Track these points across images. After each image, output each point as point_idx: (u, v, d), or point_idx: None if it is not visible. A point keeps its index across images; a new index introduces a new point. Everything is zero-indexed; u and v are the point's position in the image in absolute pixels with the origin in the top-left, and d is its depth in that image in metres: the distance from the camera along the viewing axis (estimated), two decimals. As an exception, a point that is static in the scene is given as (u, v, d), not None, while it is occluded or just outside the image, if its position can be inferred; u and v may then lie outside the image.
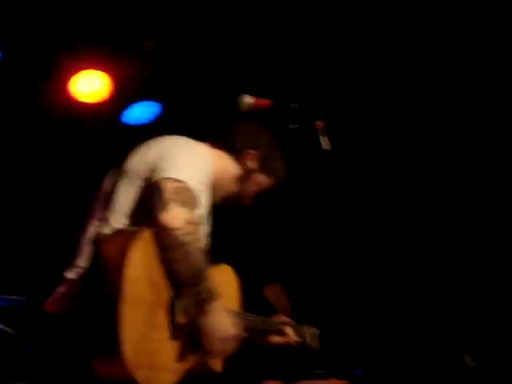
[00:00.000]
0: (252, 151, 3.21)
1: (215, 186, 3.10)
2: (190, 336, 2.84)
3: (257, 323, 3.31)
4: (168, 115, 5.43)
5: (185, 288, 2.75)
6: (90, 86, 5.19)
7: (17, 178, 5.49)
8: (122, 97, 5.32)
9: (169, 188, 2.72)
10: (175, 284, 2.76)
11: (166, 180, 2.75)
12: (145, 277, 2.68)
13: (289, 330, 3.50)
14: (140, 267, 2.66)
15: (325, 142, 3.09)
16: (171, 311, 2.78)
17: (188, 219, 2.69)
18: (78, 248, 2.92)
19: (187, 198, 2.73)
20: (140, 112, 5.48)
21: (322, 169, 3.07)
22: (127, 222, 2.84)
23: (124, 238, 2.71)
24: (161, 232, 2.67)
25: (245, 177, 3.20)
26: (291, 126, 3.17)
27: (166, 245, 2.68)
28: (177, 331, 2.79)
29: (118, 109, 5.44)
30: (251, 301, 3.24)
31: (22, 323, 4.70)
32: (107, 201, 2.93)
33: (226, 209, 3.21)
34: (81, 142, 5.40)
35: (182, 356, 2.83)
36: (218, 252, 3.10)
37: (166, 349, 2.76)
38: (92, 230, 2.91)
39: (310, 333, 3.70)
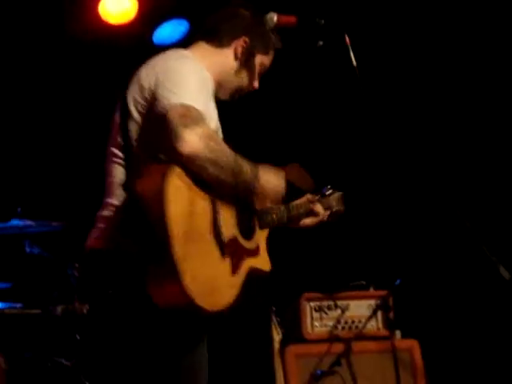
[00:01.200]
0: (239, 39, 3.12)
1: (218, 88, 3.08)
2: (239, 248, 2.92)
3: (292, 211, 3.33)
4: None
5: (233, 189, 2.85)
6: (118, 6, 5.16)
7: (51, 102, 5.51)
8: (151, 16, 5.29)
9: (175, 116, 2.70)
10: (217, 198, 2.82)
11: (169, 109, 2.73)
12: (186, 209, 2.70)
13: (318, 208, 3.46)
14: (179, 201, 2.67)
15: (353, 58, 3.06)
16: (217, 232, 2.81)
17: (204, 136, 2.70)
18: (107, 188, 2.94)
19: (194, 117, 2.72)
20: (170, 31, 5.44)
21: (352, 85, 3.03)
22: (144, 157, 2.83)
23: (156, 177, 2.69)
24: (187, 162, 2.69)
25: (243, 66, 3.13)
26: (319, 43, 3.14)
27: (200, 168, 2.71)
28: (225, 249, 2.84)
29: (148, 29, 5.40)
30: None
31: (61, 248, 4.82)
32: (121, 137, 2.91)
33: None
34: (113, 63, 5.38)
35: (235, 270, 2.88)
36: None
37: (220, 269, 2.81)
38: (116, 172, 2.92)
39: (335, 199, 3.64)
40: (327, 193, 3.62)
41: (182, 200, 2.69)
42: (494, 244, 2.93)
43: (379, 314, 5.02)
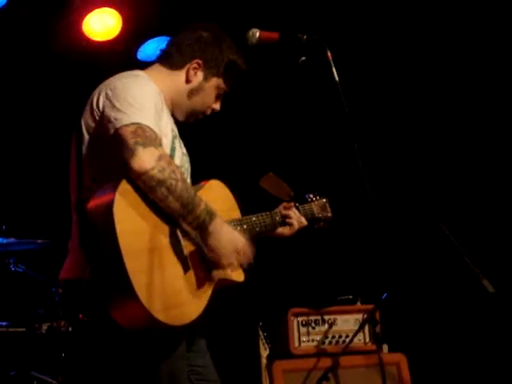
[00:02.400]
0: (192, 62, 3.10)
1: (173, 109, 3.07)
2: (203, 261, 2.87)
3: (262, 221, 3.27)
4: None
5: (182, 219, 2.78)
6: (102, 24, 5.17)
7: (35, 118, 5.50)
8: (135, 34, 5.30)
9: (127, 134, 2.70)
10: (172, 219, 2.78)
11: (121, 128, 2.72)
12: (137, 226, 2.68)
13: (293, 214, 3.40)
14: (129, 219, 2.66)
15: (335, 73, 3.07)
16: (176, 245, 2.79)
17: (157, 155, 2.69)
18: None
19: (148, 137, 2.71)
20: (154, 47, 5.45)
21: (333, 100, 3.04)
22: (98, 179, 2.81)
23: (105, 195, 2.69)
24: (137, 179, 2.67)
25: (195, 89, 3.10)
26: (302, 59, 3.15)
27: (148, 188, 2.69)
28: (188, 262, 2.82)
29: (133, 45, 5.41)
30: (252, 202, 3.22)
31: (46, 266, 4.80)
32: (76, 161, 2.91)
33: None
34: (97, 80, 5.37)
35: (200, 283, 2.86)
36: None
37: (183, 283, 2.79)
38: (73, 198, 2.92)
39: (319, 205, 3.62)
40: (309, 200, 3.61)
41: (131, 217, 2.68)
42: (479, 257, 2.95)
43: (366, 328, 5.01)
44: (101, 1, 5.13)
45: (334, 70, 3.07)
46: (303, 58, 3.13)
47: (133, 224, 2.68)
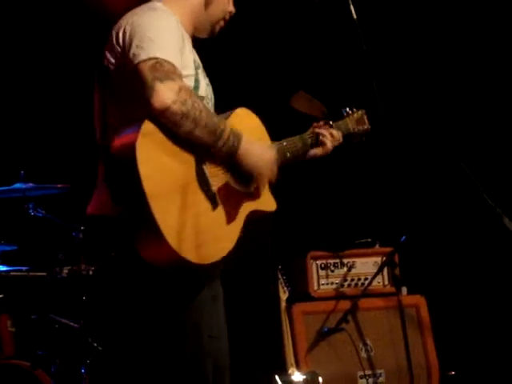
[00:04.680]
0: None
1: (196, 31, 3.02)
2: (232, 194, 2.85)
3: (293, 146, 3.18)
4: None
5: (212, 147, 2.75)
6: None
7: (56, 58, 5.45)
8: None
9: (145, 70, 2.66)
10: (200, 152, 2.76)
11: (139, 63, 2.68)
12: (163, 166, 2.65)
13: (326, 132, 3.30)
14: (154, 160, 2.63)
15: (353, 12, 3.03)
16: (204, 183, 2.76)
17: (177, 88, 2.65)
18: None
19: (166, 71, 2.66)
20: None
21: (352, 39, 2.99)
22: (123, 119, 2.77)
23: (128, 137, 2.65)
24: (160, 116, 2.64)
25: (208, 1, 3.02)
26: (318, -1, 3.10)
27: (173, 123, 2.65)
28: (217, 198, 2.79)
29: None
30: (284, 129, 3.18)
31: (66, 210, 4.81)
32: (99, 102, 2.88)
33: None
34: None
35: (230, 218, 2.83)
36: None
37: (212, 220, 2.77)
38: (98, 139, 2.90)
39: (355, 119, 3.50)
40: (345, 114, 3.49)
41: (156, 158, 2.64)
42: (498, 196, 2.93)
43: (385, 270, 5.04)
44: None
45: (352, 7, 3.03)
46: (320, -3, 3.09)
47: (158, 164, 2.64)
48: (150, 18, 2.83)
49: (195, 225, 2.69)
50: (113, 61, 2.82)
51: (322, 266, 5.03)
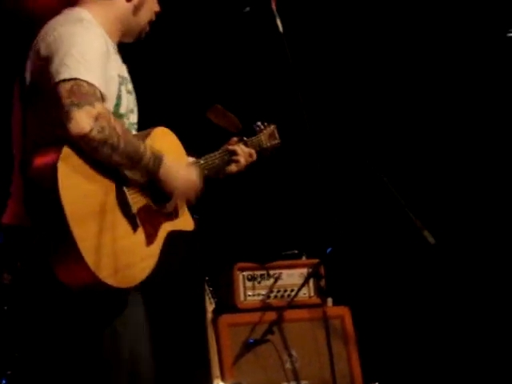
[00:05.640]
0: None
1: (124, 35, 3.00)
2: (151, 215, 2.85)
3: (211, 163, 3.22)
4: None
5: (131, 172, 2.75)
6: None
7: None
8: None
9: (63, 92, 2.61)
10: (120, 176, 2.74)
11: (58, 84, 2.63)
12: (84, 190, 2.63)
13: (239, 149, 3.33)
14: (74, 184, 2.61)
15: (279, 24, 3.05)
16: (124, 205, 2.75)
17: (95, 115, 2.61)
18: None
19: (84, 94, 2.62)
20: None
21: (278, 51, 3.02)
22: (42, 138, 2.73)
23: (48, 160, 2.61)
24: (77, 142, 2.60)
25: (137, 3, 3.00)
26: (245, 10, 3.12)
27: (90, 149, 2.62)
28: (137, 220, 2.78)
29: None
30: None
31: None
32: (21, 116, 2.81)
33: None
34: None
35: (150, 240, 2.83)
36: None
37: (133, 242, 2.76)
38: (17, 156, 2.84)
39: (267, 133, 3.54)
40: (258, 130, 3.53)
41: (76, 182, 2.62)
42: (421, 209, 2.98)
43: (311, 282, 5.07)
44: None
45: (278, 20, 3.05)
46: (247, 9, 3.12)
47: (78, 189, 2.62)
48: (76, 31, 2.75)
49: (116, 248, 2.68)
50: (34, 74, 2.76)
51: (249, 277, 5.04)
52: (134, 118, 3.01)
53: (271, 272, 5.07)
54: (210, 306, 4.64)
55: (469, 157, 5.72)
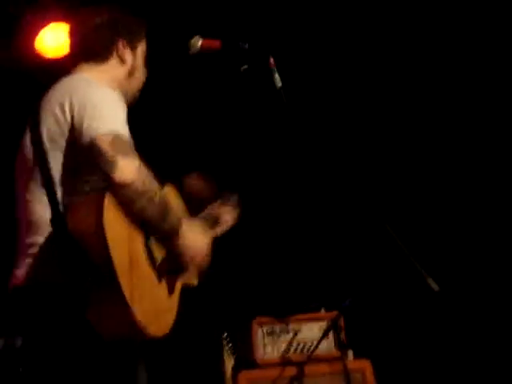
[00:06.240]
0: (118, 44, 3.07)
1: (124, 99, 3.02)
2: (171, 269, 2.93)
3: (206, 224, 3.25)
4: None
5: (158, 227, 2.81)
6: (56, 40, 5.11)
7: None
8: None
9: (106, 145, 2.66)
10: (149, 230, 2.81)
11: (98, 138, 2.67)
12: (124, 238, 2.69)
13: (223, 211, 3.41)
14: (116, 231, 2.65)
15: (277, 80, 3.07)
16: (150, 257, 2.82)
17: (137, 166, 2.69)
18: (28, 227, 2.85)
19: (125, 146, 2.70)
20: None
21: (276, 107, 3.04)
22: (70, 190, 2.77)
23: (91, 208, 2.65)
24: (119, 191, 2.65)
25: (133, 66, 3.10)
26: (243, 67, 3.15)
27: (130, 199, 2.68)
28: (160, 273, 2.87)
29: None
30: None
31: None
32: (40, 172, 2.81)
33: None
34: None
35: (170, 289, 2.93)
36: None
37: (160, 293, 2.86)
38: (39, 209, 2.82)
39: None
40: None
41: (119, 228, 2.68)
42: (425, 257, 2.96)
43: (331, 335, 5.02)
44: (54, 16, 5.07)
45: (276, 76, 3.07)
46: (245, 67, 3.14)
47: (120, 234, 2.68)
48: (97, 91, 2.83)
49: (151, 298, 2.76)
50: (58, 131, 2.78)
51: (268, 331, 5.01)
52: None
53: (290, 326, 5.04)
54: (230, 363, 4.62)
55: (469, 200, 5.70)
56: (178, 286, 3.00)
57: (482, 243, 5.63)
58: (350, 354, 4.99)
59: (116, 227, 2.66)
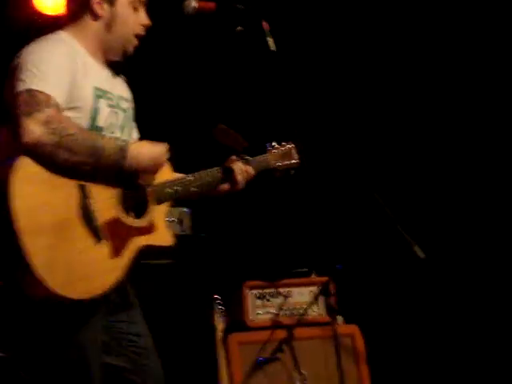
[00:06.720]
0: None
1: (107, 52, 3.03)
2: (121, 228, 2.83)
3: (199, 180, 3.18)
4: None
5: (97, 169, 2.74)
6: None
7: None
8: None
9: (17, 103, 2.69)
10: (94, 175, 2.75)
11: (15, 95, 2.71)
12: (41, 201, 2.64)
13: (237, 167, 3.29)
14: (30, 195, 2.61)
15: (271, 43, 3.08)
16: (87, 217, 2.74)
17: (44, 119, 2.65)
18: None
19: (37, 101, 2.67)
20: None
21: (269, 70, 3.04)
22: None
23: (4, 170, 2.62)
24: (32, 150, 2.63)
25: (112, 17, 3.02)
26: (237, 29, 3.15)
27: (46, 155, 2.65)
28: (99, 232, 2.77)
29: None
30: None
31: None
32: None
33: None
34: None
35: (116, 253, 2.81)
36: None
37: (92, 255, 2.74)
38: None
39: (279, 154, 3.52)
40: (268, 149, 3.52)
41: (32, 193, 2.63)
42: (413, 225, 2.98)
43: (321, 300, 5.05)
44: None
45: (269, 39, 3.07)
46: (240, 28, 3.14)
47: (34, 199, 2.63)
48: (37, 49, 2.85)
49: (72, 261, 2.68)
50: (6, 90, 2.82)
51: (258, 295, 5.03)
52: (123, 135, 3.05)
53: (281, 290, 5.07)
54: (220, 325, 4.65)
55: (457, 168, 5.72)
56: (132, 247, 2.87)
57: (467, 211, 5.66)
58: (340, 319, 5.01)
59: (30, 190, 2.61)
